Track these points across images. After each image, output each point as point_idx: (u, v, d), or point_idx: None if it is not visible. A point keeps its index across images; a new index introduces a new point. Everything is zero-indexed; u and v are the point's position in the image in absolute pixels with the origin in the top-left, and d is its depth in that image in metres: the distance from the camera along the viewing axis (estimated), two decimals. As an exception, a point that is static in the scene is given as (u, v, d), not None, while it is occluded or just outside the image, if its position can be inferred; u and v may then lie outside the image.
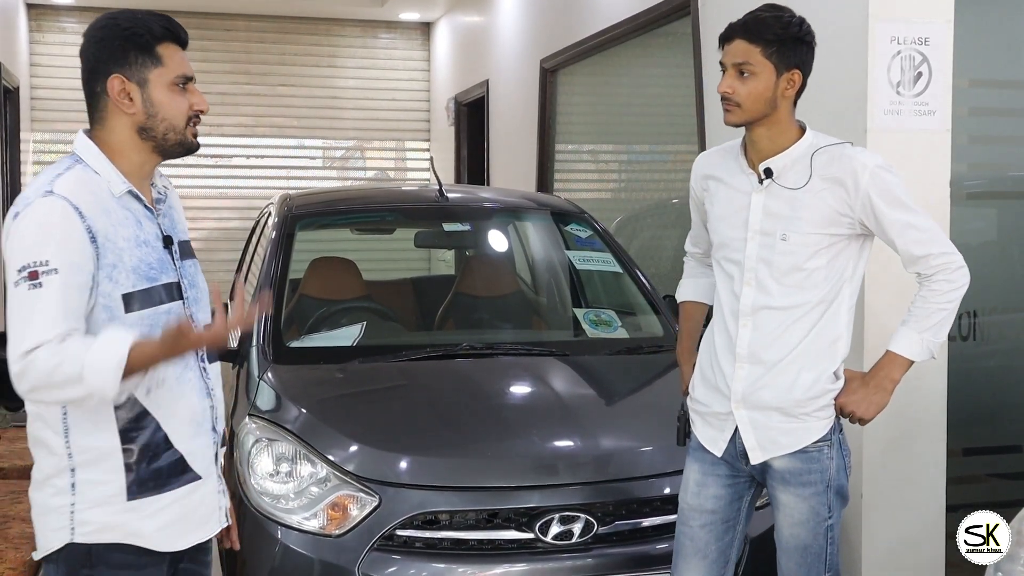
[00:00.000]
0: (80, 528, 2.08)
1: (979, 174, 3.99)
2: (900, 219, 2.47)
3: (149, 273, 2.07)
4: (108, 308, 2.02)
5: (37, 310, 1.93)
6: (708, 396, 2.66)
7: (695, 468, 2.70)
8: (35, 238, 1.95)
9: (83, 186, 2.03)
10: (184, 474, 2.13)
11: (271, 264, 4.00)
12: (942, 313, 2.49)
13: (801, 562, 2.57)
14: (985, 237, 4.17)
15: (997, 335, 3.93)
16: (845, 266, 2.54)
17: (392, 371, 3.67)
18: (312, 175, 9.71)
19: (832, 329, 2.54)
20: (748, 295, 2.56)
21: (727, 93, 2.51)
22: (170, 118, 2.10)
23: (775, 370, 2.53)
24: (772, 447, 2.55)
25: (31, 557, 3.12)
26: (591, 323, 4.12)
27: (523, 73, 7.18)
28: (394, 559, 2.90)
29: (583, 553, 2.97)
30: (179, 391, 2.13)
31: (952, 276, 2.48)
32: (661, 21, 5.20)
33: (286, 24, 9.40)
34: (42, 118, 8.69)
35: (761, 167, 2.54)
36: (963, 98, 3.65)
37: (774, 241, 2.52)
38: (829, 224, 2.49)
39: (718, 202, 2.65)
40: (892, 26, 3.38)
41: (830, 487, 2.55)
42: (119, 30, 2.09)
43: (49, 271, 1.93)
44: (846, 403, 2.54)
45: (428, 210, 4.59)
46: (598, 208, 5.48)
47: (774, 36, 2.47)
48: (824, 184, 2.49)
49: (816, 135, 2.57)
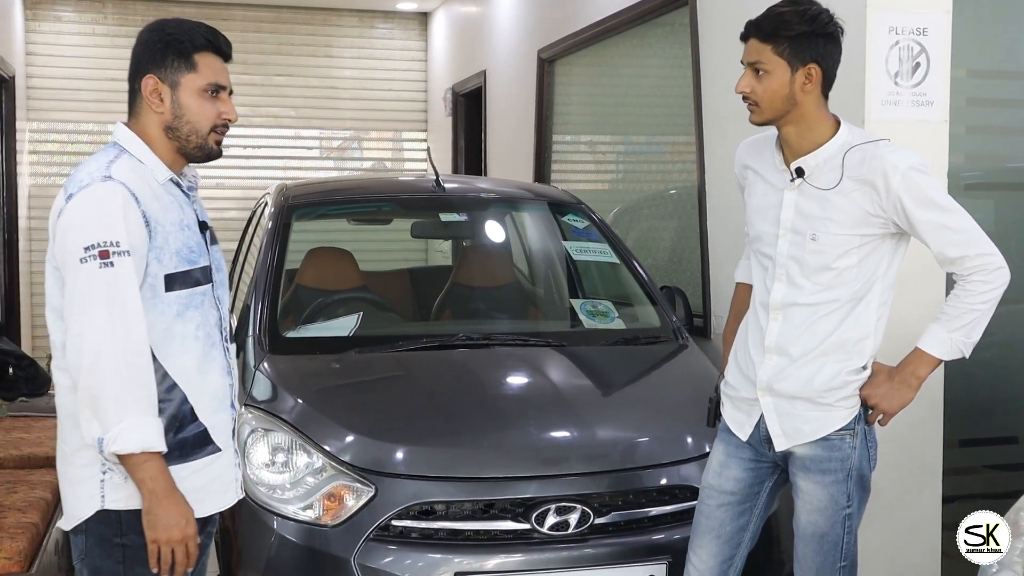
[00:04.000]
0: (111, 495, 2.18)
1: (977, 165, 3.98)
2: (933, 220, 2.42)
3: (190, 256, 2.23)
4: (152, 287, 2.16)
5: (114, 291, 2.07)
6: (738, 381, 2.68)
7: (720, 449, 2.73)
8: (101, 219, 2.09)
9: (135, 173, 2.18)
10: (207, 446, 2.26)
11: (267, 254, 3.99)
12: (975, 314, 2.46)
13: (818, 550, 2.57)
14: (983, 228, 4.15)
15: (995, 326, 3.90)
16: (878, 265, 2.51)
17: (388, 361, 3.67)
18: (309, 165, 9.69)
19: (861, 326, 2.52)
20: (779, 290, 2.56)
21: (745, 92, 2.50)
22: (194, 122, 2.24)
23: (799, 362, 2.54)
24: (796, 435, 2.57)
25: (27, 544, 3.13)
26: (588, 314, 4.11)
27: (520, 64, 7.17)
28: (390, 549, 2.90)
29: (579, 543, 2.97)
30: (206, 367, 2.26)
31: (990, 277, 2.44)
32: (659, 11, 5.19)
33: (283, 13, 9.37)
34: (38, 107, 8.66)
35: (793, 166, 2.53)
36: (961, 88, 3.64)
37: (804, 240, 2.51)
38: (860, 225, 2.47)
39: (755, 194, 2.65)
40: (890, 16, 3.38)
41: (851, 476, 2.54)
42: (163, 34, 2.23)
43: (121, 252, 2.08)
44: (870, 395, 2.53)
45: (425, 200, 4.58)
46: (595, 199, 5.47)
47: (784, 33, 2.44)
48: (855, 185, 2.45)
49: (851, 131, 2.53)
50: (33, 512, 3.40)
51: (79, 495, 2.20)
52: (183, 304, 2.21)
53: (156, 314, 2.16)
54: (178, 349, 2.20)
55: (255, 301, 3.80)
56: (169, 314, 2.18)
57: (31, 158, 8.62)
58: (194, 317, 2.23)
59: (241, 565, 3.05)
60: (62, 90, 8.63)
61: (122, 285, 2.08)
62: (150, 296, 2.15)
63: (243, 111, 10.12)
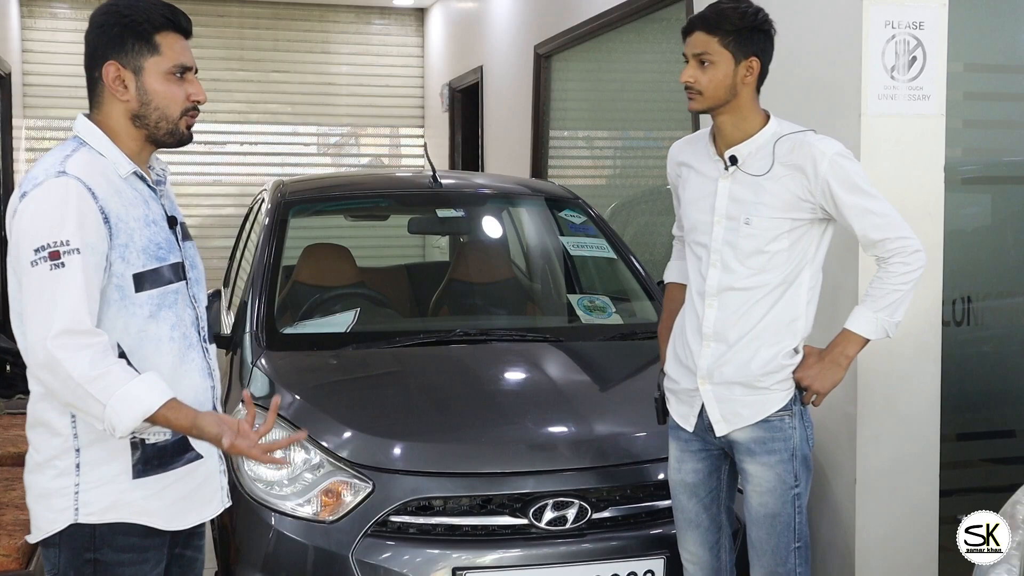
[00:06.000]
0: (84, 508, 2.08)
1: (974, 159, 3.98)
2: (858, 204, 2.57)
3: (158, 253, 2.10)
4: (120, 288, 2.05)
5: (61, 292, 1.95)
6: (679, 372, 2.79)
7: (674, 445, 2.85)
8: (52, 218, 1.96)
9: (92, 167, 2.05)
10: (186, 452, 2.15)
11: (264, 251, 3.99)
12: (897, 294, 2.60)
13: (771, 531, 2.68)
14: (979, 222, 4.16)
15: (991, 320, 3.93)
16: (807, 250, 2.65)
17: (386, 357, 3.67)
18: (306, 161, 9.68)
19: (791, 309, 2.66)
20: (714, 276, 2.68)
21: (689, 82, 2.64)
22: (163, 107, 2.10)
23: (736, 347, 2.66)
24: (735, 419, 2.68)
25: (25, 542, 3.13)
26: (585, 309, 4.11)
27: (517, 59, 7.16)
28: (388, 545, 2.90)
29: (577, 539, 2.97)
30: (183, 370, 2.15)
31: (908, 259, 2.59)
32: (655, 7, 5.19)
33: (279, 10, 9.36)
34: (34, 104, 8.65)
35: (727, 154, 2.67)
36: (958, 82, 3.64)
37: (738, 225, 2.64)
38: (790, 209, 2.61)
39: (689, 187, 2.78)
40: (886, 10, 3.37)
41: (795, 456, 2.67)
42: (119, 17, 2.09)
43: (71, 251, 1.95)
44: (803, 376, 2.66)
45: (422, 196, 4.58)
46: (592, 194, 5.48)
47: (731, 26, 2.59)
48: (786, 171, 2.60)
49: (780, 123, 2.68)
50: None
51: (51, 507, 2.09)
52: (155, 304, 2.09)
53: (127, 316, 2.05)
54: (153, 351, 2.08)
55: (252, 297, 3.80)
56: (141, 315, 2.07)
57: (28, 155, 8.62)
58: (168, 317, 2.11)
59: (239, 561, 3.04)
60: (58, 87, 8.62)
61: (72, 284, 1.95)
62: (118, 298, 2.04)
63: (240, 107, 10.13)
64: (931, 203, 3.43)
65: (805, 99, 3.61)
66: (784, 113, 2.79)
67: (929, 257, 3.44)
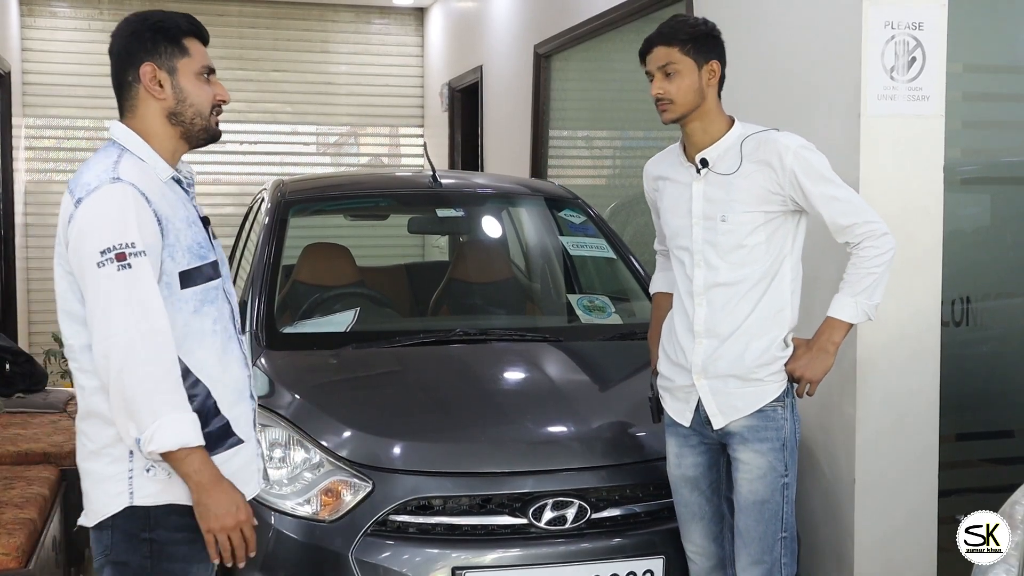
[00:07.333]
0: (139, 491, 2.19)
1: (973, 160, 3.99)
2: (824, 193, 2.69)
3: (200, 252, 2.25)
4: (168, 285, 2.18)
5: (138, 293, 2.09)
6: (672, 371, 2.89)
7: (672, 441, 2.94)
8: (115, 222, 2.10)
9: (142, 173, 2.19)
10: (229, 438, 2.28)
11: (264, 250, 3.99)
12: (872, 277, 2.71)
13: (759, 518, 2.76)
14: (978, 223, 4.17)
15: (990, 320, 3.93)
16: (784, 242, 2.77)
17: (386, 357, 3.67)
18: (305, 161, 9.67)
19: (777, 300, 2.77)
20: (699, 275, 2.80)
21: (660, 94, 2.78)
22: (197, 104, 2.27)
23: (728, 341, 2.77)
24: (731, 411, 2.78)
25: (24, 541, 3.13)
26: (585, 309, 4.12)
27: (517, 59, 7.16)
28: (387, 544, 2.90)
29: (576, 538, 2.97)
30: (226, 361, 2.29)
31: (877, 242, 2.70)
32: (655, 6, 5.19)
33: (279, 9, 9.36)
34: (34, 103, 8.64)
35: (697, 158, 2.80)
36: (957, 83, 3.64)
37: (715, 223, 2.76)
38: (762, 202, 2.73)
39: (666, 197, 2.92)
40: (886, 10, 3.38)
41: (785, 446, 2.77)
42: (150, 23, 2.26)
43: (137, 253, 2.10)
44: (795, 367, 2.77)
45: (422, 196, 4.58)
46: (592, 194, 5.48)
47: (686, 35, 2.76)
48: (754, 167, 2.73)
49: (744, 125, 2.82)
50: (31, 508, 3.41)
51: (106, 491, 2.20)
52: (199, 300, 2.23)
53: (174, 312, 2.18)
54: (198, 345, 2.22)
55: (252, 297, 3.81)
56: (187, 311, 2.21)
57: (27, 154, 8.61)
58: (210, 312, 2.26)
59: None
60: (58, 86, 8.61)
61: (142, 286, 2.10)
62: (167, 294, 2.17)
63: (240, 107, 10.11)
64: (930, 203, 3.44)
65: (805, 99, 3.61)
66: (784, 113, 2.81)
67: (928, 258, 3.46)
